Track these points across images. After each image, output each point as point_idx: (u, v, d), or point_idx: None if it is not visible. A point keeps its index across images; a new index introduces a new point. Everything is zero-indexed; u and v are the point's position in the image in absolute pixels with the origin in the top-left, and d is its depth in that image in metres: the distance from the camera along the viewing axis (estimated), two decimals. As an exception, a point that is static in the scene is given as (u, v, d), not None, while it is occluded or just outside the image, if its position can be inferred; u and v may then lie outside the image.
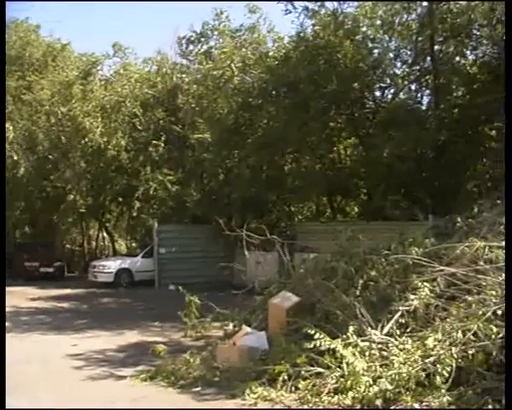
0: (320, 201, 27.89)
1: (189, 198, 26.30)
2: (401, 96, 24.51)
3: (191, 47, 27.98)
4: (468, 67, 22.74)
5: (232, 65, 24.62)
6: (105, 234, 36.60)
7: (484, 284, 8.89)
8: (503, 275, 8.89)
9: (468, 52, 22.94)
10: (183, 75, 27.92)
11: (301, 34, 23.82)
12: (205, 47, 27.49)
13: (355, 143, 25.00)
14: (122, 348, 12.80)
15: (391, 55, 24.07)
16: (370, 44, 23.72)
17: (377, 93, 24.69)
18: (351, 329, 9.09)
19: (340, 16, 23.35)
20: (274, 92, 23.56)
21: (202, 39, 27.50)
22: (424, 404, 7.58)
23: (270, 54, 24.98)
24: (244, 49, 25.45)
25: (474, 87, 22.02)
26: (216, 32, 26.96)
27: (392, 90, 24.61)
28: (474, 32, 22.36)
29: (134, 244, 34.18)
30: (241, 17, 39.62)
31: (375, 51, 23.84)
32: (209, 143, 25.05)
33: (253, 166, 24.09)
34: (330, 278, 11.13)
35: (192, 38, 27.61)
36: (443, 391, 7.63)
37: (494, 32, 21.76)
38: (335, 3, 23.32)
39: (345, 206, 27.56)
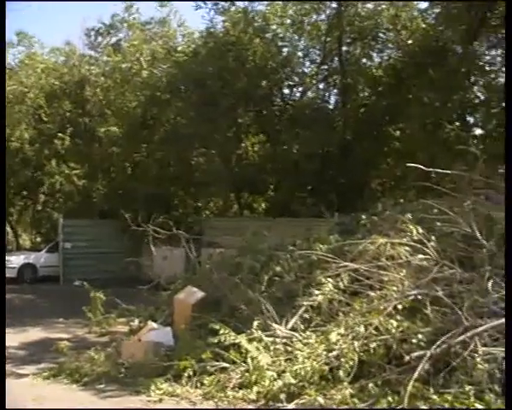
0: (227, 196, 27.94)
1: (96, 193, 25.86)
2: (309, 94, 24.91)
3: (100, 39, 27.47)
4: (374, 70, 23.30)
5: (141, 58, 24.40)
6: (8, 228, 35.47)
7: (385, 279, 9.11)
8: (404, 271, 9.19)
9: (375, 55, 23.52)
10: (92, 67, 27.31)
11: (211, 30, 23.83)
12: (114, 39, 27.09)
13: (263, 140, 25.17)
14: (24, 345, 12.37)
15: (300, 54, 24.46)
16: (280, 43, 23.98)
17: (286, 91, 24.98)
18: (255, 324, 9.14)
19: (251, 14, 23.50)
20: (182, 87, 23.45)
21: (111, 31, 27.07)
22: (327, 397, 7.69)
23: (180, 49, 24.88)
24: (154, 43, 25.23)
25: (379, 89, 22.59)
26: (125, 25, 26.60)
27: (300, 89, 24.95)
28: (381, 35, 22.95)
29: (39, 239, 33.25)
30: (152, 10, 39.28)
31: (285, 50, 24.15)
32: (117, 137, 24.69)
33: (160, 161, 23.92)
34: (236, 274, 11.14)
35: (101, 30, 27.13)
36: (345, 384, 7.76)
37: (399, 36, 22.43)
38: (246, 2, 23.55)
39: (252, 202, 27.70)
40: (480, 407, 6.83)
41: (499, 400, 6.81)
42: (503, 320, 7.59)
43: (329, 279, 9.48)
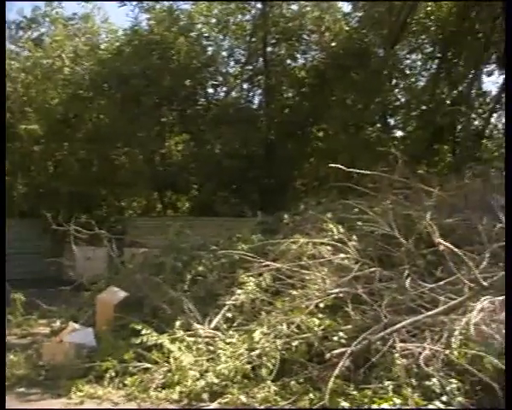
0: (151, 196, 27.69)
1: (17, 191, 25.22)
2: (233, 94, 24.92)
3: (21, 33, 26.76)
4: (298, 71, 23.51)
5: (63, 55, 23.87)
6: None
7: (307, 278, 9.23)
8: (326, 270, 9.33)
9: (299, 56, 23.74)
10: (12, 62, 26.62)
11: (136, 28, 23.59)
12: (35, 34, 26.39)
13: (186, 139, 25.06)
14: None
15: (224, 53, 24.45)
16: (205, 42, 23.95)
17: (210, 90, 24.91)
18: (177, 324, 9.12)
19: (176, 13, 23.40)
20: (106, 85, 23.12)
21: (33, 26, 26.38)
22: (250, 395, 7.74)
23: (103, 46, 24.48)
24: (77, 40, 24.75)
25: (303, 90, 22.84)
26: (48, 19, 26.00)
27: (224, 89, 24.94)
28: (305, 37, 23.19)
29: (-46, 240, 32.15)
30: (75, 6, 38.55)
31: (209, 49, 24.11)
32: (38, 135, 24.14)
33: (83, 160, 23.55)
34: (159, 274, 11.09)
35: (22, 24, 26.43)
36: (268, 383, 7.83)
37: (322, 38, 22.73)
38: (171, 1, 23.45)
39: (176, 201, 27.52)
40: (398, 401, 6.97)
41: (416, 394, 6.96)
42: (421, 317, 7.84)
43: (252, 279, 9.55)
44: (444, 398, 6.87)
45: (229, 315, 9.33)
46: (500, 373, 6.80)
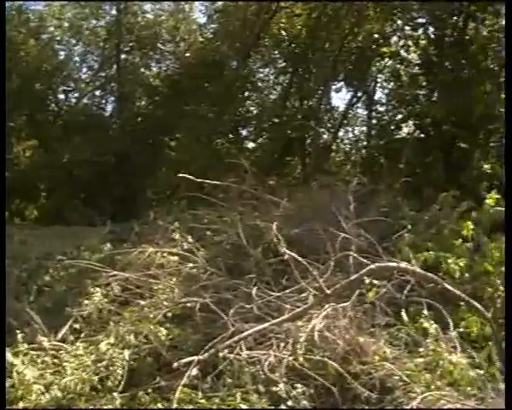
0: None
1: None
2: (85, 101, 24.43)
3: None
4: (152, 79, 23.44)
5: None
6: None
7: (156, 288, 9.21)
8: (174, 279, 9.35)
9: (153, 64, 23.69)
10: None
11: (-19, 28, 22.60)
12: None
13: (35, 145, 24.28)
14: None
15: (77, 59, 23.96)
16: (56, 46, 23.35)
17: (61, 96, 24.31)
18: (20, 336, 8.80)
19: (25, 13, 22.66)
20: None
21: None
22: (97, 408, 7.60)
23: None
24: None
25: (156, 99, 22.79)
26: None
27: (75, 95, 24.40)
28: (159, 46, 23.18)
29: None
30: None
31: (61, 53, 23.54)
32: None
33: None
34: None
35: None
36: (115, 394, 7.71)
37: (177, 48, 22.85)
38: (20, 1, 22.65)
39: (24, 209, 26.58)
40: (244, 407, 7.09)
41: (263, 399, 7.12)
42: (267, 324, 8.02)
43: (99, 289, 9.38)
44: (289, 402, 7.07)
45: (77, 326, 9.12)
46: (341, 377, 7.18)
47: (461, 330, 8.39)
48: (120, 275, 9.56)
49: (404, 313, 8.44)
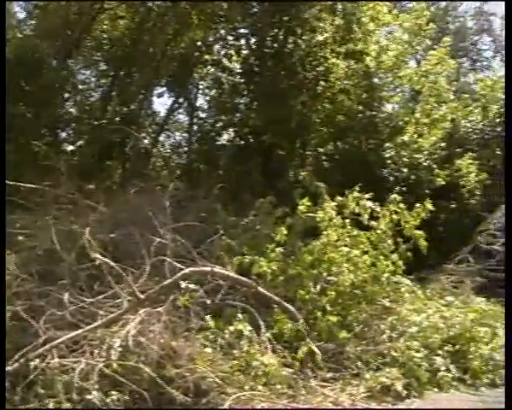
0: None
1: None
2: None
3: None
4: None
5: None
6: None
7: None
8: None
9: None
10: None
11: None
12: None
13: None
14: None
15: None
16: None
17: None
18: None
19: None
20: None
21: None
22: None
23: None
24: None
25: None
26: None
27: None
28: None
29: None
30: None
31: None
32: None
33: None
34: None
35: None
36: None
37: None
38: None
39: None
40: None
41: (78, 407, 7.01)
42: (80, 331, 7.89)
43: None
44: (103, 410, 6.98)
45: None
46: (153, 381, 7.27)
47: (274, 331, 8.74)
48: None
49: (217, 317, 8.65)
